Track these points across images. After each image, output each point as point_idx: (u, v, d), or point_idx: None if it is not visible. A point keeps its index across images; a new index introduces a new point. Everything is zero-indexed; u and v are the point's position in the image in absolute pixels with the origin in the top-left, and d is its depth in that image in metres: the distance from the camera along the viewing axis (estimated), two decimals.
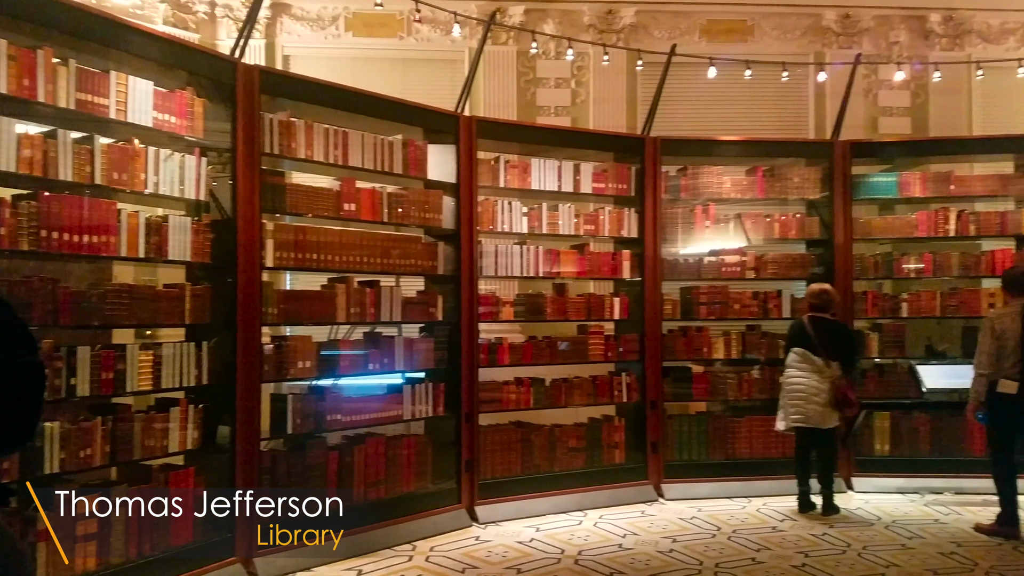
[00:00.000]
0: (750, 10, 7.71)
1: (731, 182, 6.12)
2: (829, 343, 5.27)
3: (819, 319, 5.34)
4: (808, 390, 5.28)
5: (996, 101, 7.66)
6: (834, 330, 5.34)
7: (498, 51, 7.41)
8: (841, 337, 5.35)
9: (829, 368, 5.24)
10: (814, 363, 5.27)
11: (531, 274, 5.51)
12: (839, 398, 5.21)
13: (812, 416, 5.27)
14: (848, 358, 5.33)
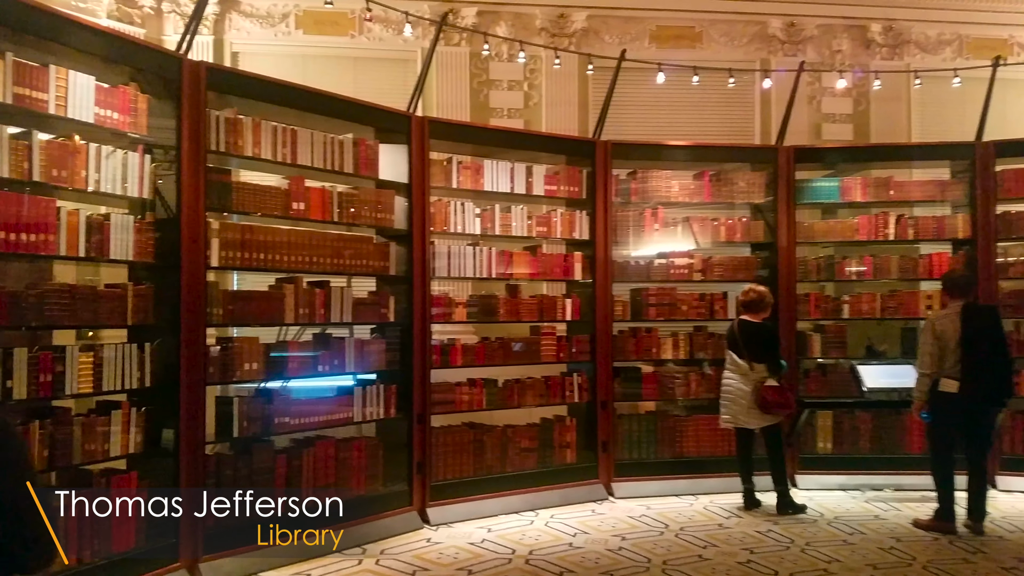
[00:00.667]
0: (698, 17, 7.86)
1: (679, 186, 6.24)
2: (753, 345, 5.36)
3: (746, 321, 5.45)
4: (735, 392, 5.41)
5: (933, 109, 7.96)
6: (757, 332, 5.40)
7: (451, 52, 7.41)
8: (763, 339, 5.40)
9: (753, 370, 5.33)
10: (740, 365, 5.40)
11: (484, 275, 5.53)
12: (760, 400, 5.27)
13: (738, 417, 5.41)
14: (772, 360, 5.36)
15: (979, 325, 4.85)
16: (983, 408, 4.90)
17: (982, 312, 5.02)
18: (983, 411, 4.92)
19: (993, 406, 4.98)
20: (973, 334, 4.81)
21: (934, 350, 4.90)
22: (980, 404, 4.85)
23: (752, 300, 5.47)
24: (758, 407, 5.30)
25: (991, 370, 4.80)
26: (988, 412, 4.98)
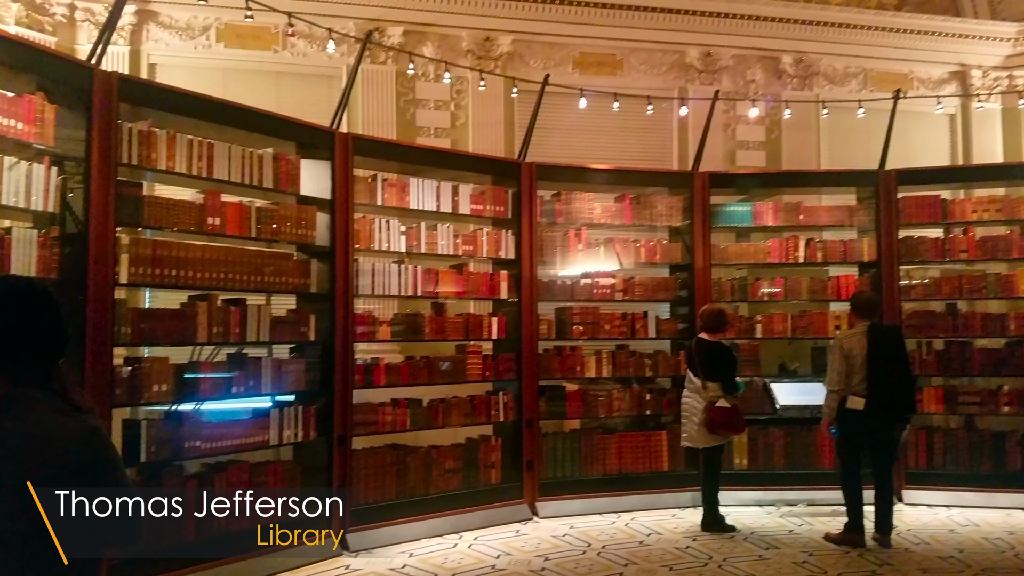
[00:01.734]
0: (620, 45, 8.09)
1: (602, 208, 6.37)
2: (707, 364, 5.41)
3: (702, 340, 5.49)
4: (690, 410, 5.49)
5: (841, 138, 8.39)
6: (712, 351, 5.45)
7: (377, 70, 7.38)
8: (717, 358, 5.43)
9: (707, 389, 5.38)
10: (695, 383, 5.48)
11: (409, 293, 5.49)
12: (708, 420, 5.33)
13: (691, 436, 5.46)
14: (725, 380, 5.40)
15: (884, 344, 5.06)
16: (887, 423, 5.08)
17: (887, 332, 5.24)
18: (887, 426, 5.10)
19: (897, 422, 5.16)
20: (878, 353, 5.01)
21: (841, 368, 5.08)
22: (884, 420, 5.03)
23: (709, 319, 5.52)
24: (705, 426, 5.34)
25: (895, 387, 5.01)
26: (892, 427, 5.15)
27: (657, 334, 6.45)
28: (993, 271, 6.58)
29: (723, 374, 5.40)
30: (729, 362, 5.48)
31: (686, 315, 6.46)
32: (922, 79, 8.81)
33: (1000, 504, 6.01)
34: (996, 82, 8.82)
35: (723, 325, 5.54)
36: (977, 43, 8.73)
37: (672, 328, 6.49)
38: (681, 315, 6.52)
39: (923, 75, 8.81)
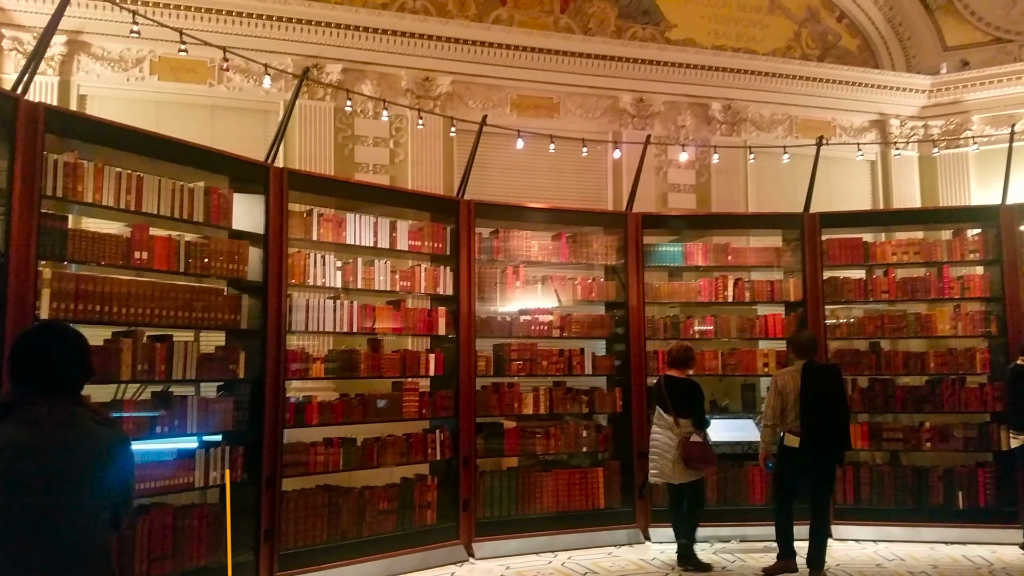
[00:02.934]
0: (556, 89, 8.29)
1: (539, 246, 6.46)
2: (679, 400, 5.47)
3: (671, 377, 5.59)
4: (662, 446, 5.50)
5: (767, 182, 8.74)
6: (683, 388, 5.53)
7: (316, 106, 7.38)
8: (689, 394, 5.51)
9: (679, 425, 5.42)
10: (666, 420, 5.50)
11: (345, 329, 5.41)
12: (684, 455, 5.38)
13: (665, 472, 5.46)
14: (698, 415, 5.48)
15: (819, 382, 5.19)
16: (825, 459, 5.22)
17: (823, 370, 5.35)
18: (826, 462, 5.24)
19: (832, 458, 5.31)
20: (812, 390, 5.14)
21: (776, 403, 5.28)
22: (821, 455, 5.17)
23: (677, 356, 5.62)
24: (682, 462, 5.39)
25: (830, 424, 5.12)
26: (830, 463, 5.31)
27: (594, 370, 6.52)
28: (913, 311, 6.88)
29: (696, 409, 5.49)
30: (700, 397, 5.58)
31: (622, 352, 6.55)
32: (844, 127, 9.27)
33: (924, 538, 6.20)
34: (913, 131, 9.36)
35: (690, 361, 5.70)
36: (895, 94, 9.27)
37: (608, 364, 6.57)
38: (617, 352, 6.61)
39: (845, 123, 9.28)
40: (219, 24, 6.99)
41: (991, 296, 6.63)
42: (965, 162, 8.97)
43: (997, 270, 6.57)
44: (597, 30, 8.51)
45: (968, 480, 6.41)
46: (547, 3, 8.39)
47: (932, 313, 6.77)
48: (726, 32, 9.03)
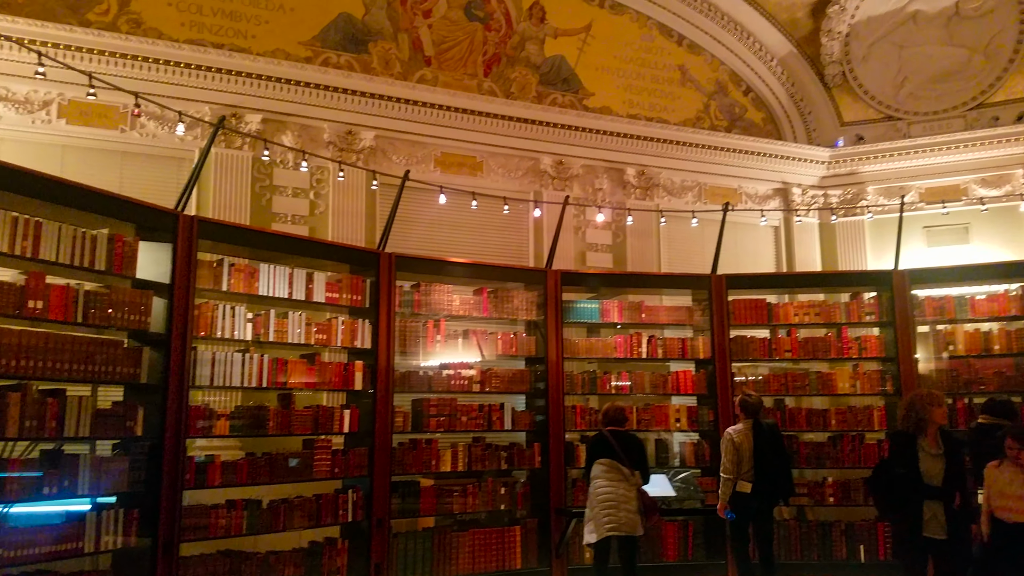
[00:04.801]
0: (479, 148, 8.45)
1: (460, 300, 6.46)
2: (631, 452, 5.64)
3: (618, 431, 5.73)
4: (618, 498, 5.48)
5: (678, 244, 9.08)
6: (633, 442, 5.74)
7: (233, 155, 7.25)
8: (640, 448, 5.76)
9: (634, 476, 5.58)
10: (622, 472, 5.55)
11: (254, 384, 5.22)
12: (647, 503, 5.56)
13: (625, 523, 5.44)
14: (646, 466, 5.73)
15: (766, 438, 5.79)
16: (768, 505, 5.82)
17: (769, 427, 5.92)
18: (768, 507, 5.83)
19: (777, 503, 5.94)
20: (762, 445, 5.73)
21: (734, 459, 5.73)
22: (765, 501, 5.75)
23: (615, 416, 5.82)
24: (643, 513, 5.53)
25: (776, 474, 5.74)
26: (771, 508, 5.89)
27: (513, 426, 6.49)
28: (815, 370, 7.21)
29: (645, 461, 5.76)
30: (646, 451, 5.91)
31: (542, 407, 6.56)
32: (750, 194, 9.77)
33: None
34: (813, 199, 9.94)
35: (626, 420, 5.95)
36: (797, 164, 9.86)
37: (528, 420, 6.56)
38: (537, 407, 6.61)
39: (751, 190, 9.79)
40: (135, 70, 6.84)
41: (886, 356, 7.01)
42: (861, 229, 9.58)
43: (891, 331, 6.97)
44: (519, 94, 8.77)
45: (868, 535, 6.66)
46: (471, 67, 8.61)
47: (832, 372, 7.10)
48: (640, 102, 9.46)
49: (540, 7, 9.00)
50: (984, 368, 6.95)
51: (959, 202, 8.87)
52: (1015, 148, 9.09)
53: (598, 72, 9.29)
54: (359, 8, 8.09)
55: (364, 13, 8.12)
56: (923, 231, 9.27)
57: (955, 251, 9.02)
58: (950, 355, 7.01)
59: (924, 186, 9.47)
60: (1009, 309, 6.89)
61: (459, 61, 8.55)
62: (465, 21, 8.65)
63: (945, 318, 7.03)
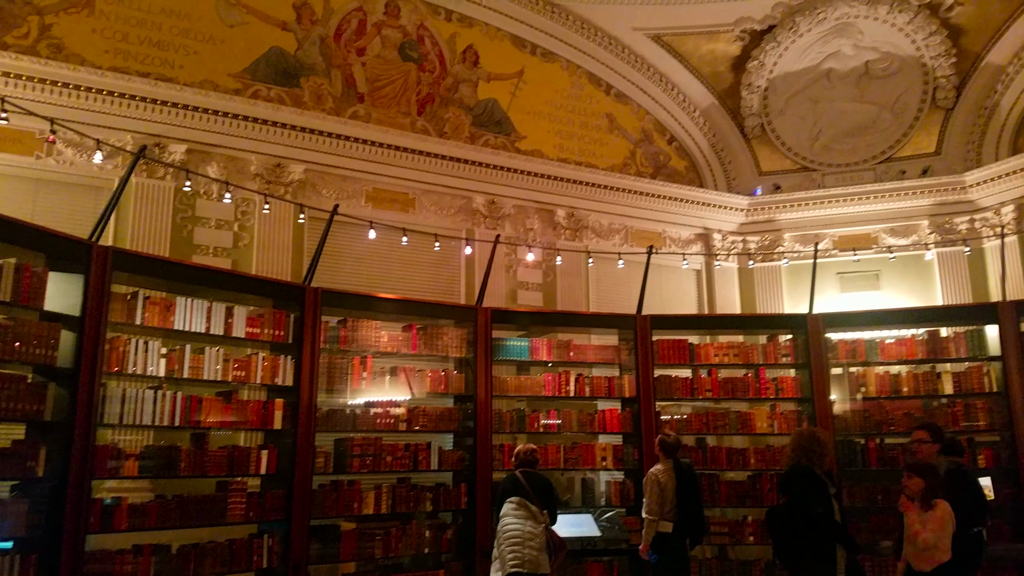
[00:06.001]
0: (412, 185, 8.49)
1: (389, 336, 6.38)
2: (542, 493, 5.62)
3: (530, 472, 5.73)
4: (524, 536, 5.42)
5: (606, 285, 9.27)
6: (543, 482, 5.73)
7: (155, 185, 7.05)
8: (548, 488, 5.74)
9: (542, 515, 5.56)
10: (530, 510, 5.52)
11: (166, 423, 4.99)
12: (555, 542, 5.53)
13: (529, 560, 5.36)
14: (554, 506, 5.72)
15: (686, 478, 5.89)
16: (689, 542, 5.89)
17: (688, 467, 6.01)
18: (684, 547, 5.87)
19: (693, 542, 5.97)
20: (683, 485, 5.83)
21: (658, 499, 5.78)
22: (682, 541, 5.81)
23: (527, 458, 5.81)
24: (546, 551, 5.48)
25: (695, 514, 5.88)
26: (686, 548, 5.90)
27: (440, 466, 6.39)
28: (735, 409, 7.39)
29: (555, 502, 5.74)
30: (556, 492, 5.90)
31: (471, 446, 6.49)
32: (674, 238, 10.08)
33: None
34: (733, 244, 10.32)
35: (537, 461, 5.94)
36: (717, 211, 10.24)
37: (455, 459, 6.47)
38: (466, 446, 6.54)
39: (675, 235, 10.10)
40: (54, 95, 6.63)
41: (802, 397, 7.25)
42: (778, 274, 9.98)
43: (806, 373, 7.22)
44: (452, 134, 8.87)
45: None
46: (404, 105, 8.67)
47: (752, 411, 7.29)
48: (570, 147, 9.71)
49: (474, 51, 9.18)
50: (894, 409, 7.24)
51: (870, 250, 9.37)
52: (920, 200, 9.70)
53: (530, 116, 9.50)
54: (292, 43, 8.09)
55: (297, 48, 8.11)
56: (837, 277, 9.72)
57: (866, 297, 9.49)
58: (863, 396, 7.30)
59: (837, 234, 9.97)
60: (916, 353, 7.23)
61: (393, 99, 8.61)
62: (399, 61, 8.74)
63: (857, 361, 7.33)
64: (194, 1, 7.62)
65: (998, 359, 6.90)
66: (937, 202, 9.65)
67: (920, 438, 5.27)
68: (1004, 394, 6.80)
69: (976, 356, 7.06)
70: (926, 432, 5.28)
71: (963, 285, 9.32)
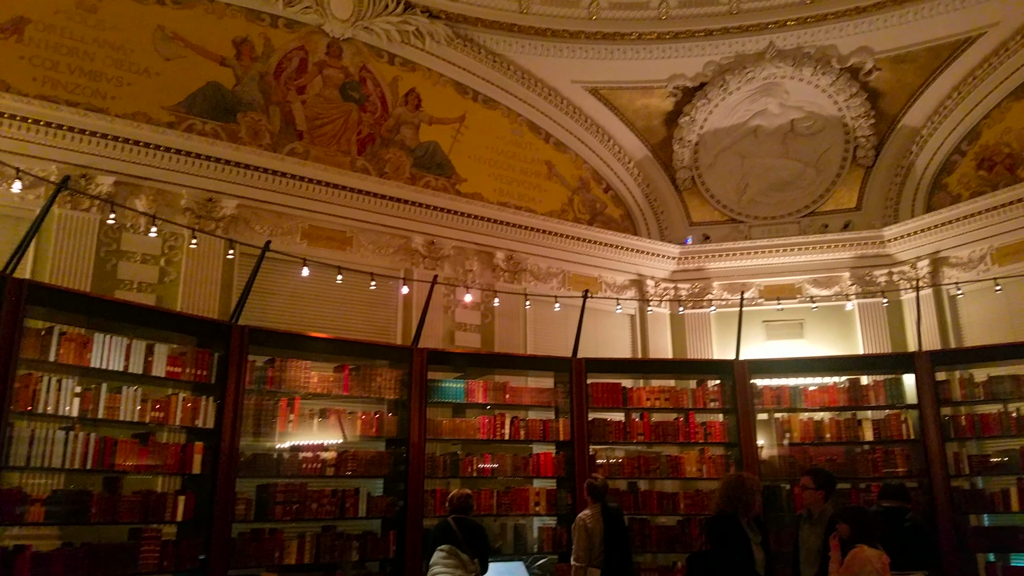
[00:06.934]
0: (350, 223, 8.42)
1: (319, 377, 6.22)
2: (474, 541, 5.53)
3: (463, 519, 5.62)
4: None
5: (543, 327, 9.31)
6: (476, 530, 5.64)
7: (80, 217, 6.81)
8: (481, 535, 5.64)
9: (472, 563, 5.47)
10: (460, 558, 5.43)
11: (77, 466, 4.74)
12: None
13: None
14: (486, 555, 5.64)
15: (614, 522, 5.82)
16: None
17: (616, 511, 5.95)
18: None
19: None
20: (611, 530, 5.75)
21: (587, 544, 5.69)
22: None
23: (460, 504, 5.70)
24: None
25: (622, 558, 5.76)
26: None
27: (368, 513, 6.20)
28: (666, 453, 7.46)
29: (487, 550, 5.66)
30: (488, 540, 5.79)
31: (402, 491, 6.34)
32: (609, 283, 10.24)
33: None
34: (665, 291, 10.55)
35: (471, 508, 5.86)
36: (651, 258, 10.48)
37: (384, 506, 6.30)
38: (398, 492, 6.38)
39: (610, 280, 10.27)
40: None
41: (730, 441, 7.38)
42: (707, 321, 10.23)
43: (734, 418, 7.37)
44: (393, 175, 8.88)
45: None
46: (344, 144, 8.66)
47: (682, 455, 7.37)
48: (510, 191, 9.84)
49: (416, 95, 9.28)
50: (818, 455, 7.42)
51: (794, 300, 9.71)
52: (842, 253, 10.14)
53: (471, 160, 9.60)
54: (230, 79, 8.01)
55: (235, 84, 8.04)
56: (763, 325, 10.03)
57: (791, 345, 9.80)
58: (789, 442, 7.47)
59: (763, 284, 10.31)
60: (838, 400, 7.46)
61: (332, 138, 8.59)
62: (340, 100, 8.75)
63: (782, 407, 7.52)
64: (131, 33, 7.50)
65: (915, 407, 7.19)
66: (857, 255, 10.10)
67: (804, 484, 5.22)
68: (921, 441, 7.06)
69: (895, 404, 7.34)
70: (810, 478, 5.16)
71: (882, 335, 9.72)
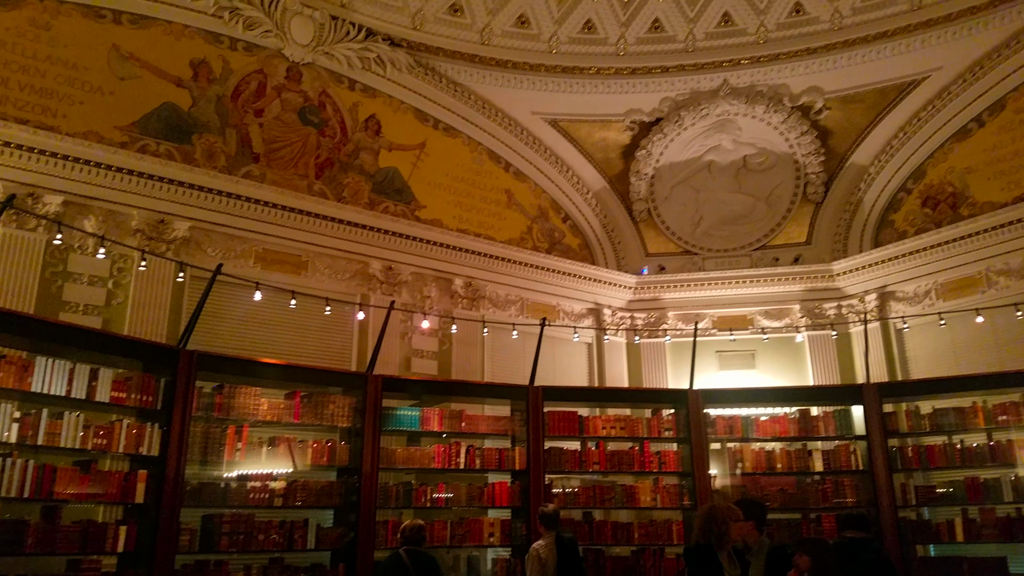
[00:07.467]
0: (305, 248, 8.32)
1: (269, 404, 6.10)
2: (424, 574, 5.38)
3: (415, 551, 5.46)
4: None
5: (501, 355, 9.27)
6: (428, 562, 5.49)
7: (25, 236, 6.59)
8: (434, 568, 5.49)
9: None
10: None
11: (13, 494, 4.56)
12: None
13: None
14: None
15: (568, 553, 5.79)
16: None
17: (569, 541, 5.92)
18: None
19: None
20: (565, 561, 5.71)
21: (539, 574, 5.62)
22: None
23: (413, 535, 5.54)
24: None
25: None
26: None
27: (317, 544, 6.06)
28: (621, 483, 7.45)
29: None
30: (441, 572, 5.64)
31: (353, 523, 6.20)
32: (567, 312, 10.29)
33: None
34: (621, 320, 10.63)
35: (424, 539, 5.69)
36: (607, 288, 10.57)
37: (333, 537, 6.16)
38: (348, 522, 6.24)
39: (568, 308, 10.32)
40: None
41: (684, 471, 7.42)
42: (662, 350, 10.34)
43: (687, 447, 7.43)
44: (351, 199, 8.83)
45: None
46: (302, 168, 8.59)
47: (636, 485, 7.38)
48: (470, 218, 9.85)
49: (376, 121, 9.28)
50: (770, 485, 7.52)
51: (746, 331, 9.88)
52: (792, 286, 10.37)
53: (431, 187, 9.61)
54: (186, 100, 7.91)
55: (191, 105, 7.94)
56: (716, 355, 10.17)
57: (743, 375, 9.94)
58: (741, 471, 7.55)
59: (717, 314, 10.48)
60: (789, 431, 7.59)
61: (290, 161, 8.52)
62: (299, 124, 8.70)
63: (735, 436, 7.61)
64: (85, 51, 7.36)
65: (863, 438, 7.35)
66: (807, 288, 10.35)
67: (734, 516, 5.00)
68: (869, 472, 7.20)
69: (844, 435, 7.49)
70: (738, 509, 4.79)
71: (831, 367, 9.94)
